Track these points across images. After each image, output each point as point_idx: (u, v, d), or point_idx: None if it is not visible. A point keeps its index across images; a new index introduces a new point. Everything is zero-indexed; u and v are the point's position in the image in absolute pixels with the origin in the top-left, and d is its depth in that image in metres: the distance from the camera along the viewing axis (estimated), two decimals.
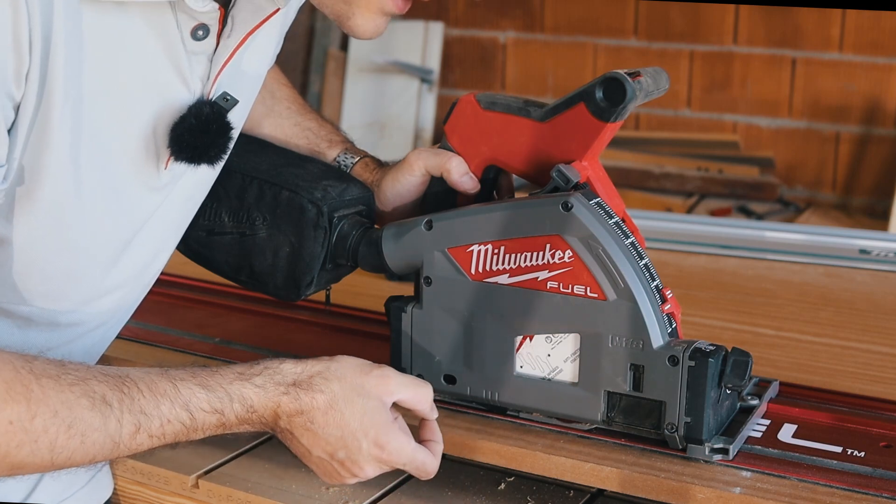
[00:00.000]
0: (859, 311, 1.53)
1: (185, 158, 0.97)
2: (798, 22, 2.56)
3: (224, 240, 1.14)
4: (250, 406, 0.94)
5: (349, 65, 3.01)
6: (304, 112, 1.26)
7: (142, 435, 0.89)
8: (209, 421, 0.93)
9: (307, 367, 0.98)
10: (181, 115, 0.96)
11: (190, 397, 0.92)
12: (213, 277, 1.22)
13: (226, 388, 0.94)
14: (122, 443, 0.89)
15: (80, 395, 0.87)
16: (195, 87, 0.97)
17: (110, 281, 1.02)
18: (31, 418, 0.84)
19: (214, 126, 0.97)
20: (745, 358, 1.00)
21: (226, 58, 0.97)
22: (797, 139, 2.62)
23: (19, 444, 0.84)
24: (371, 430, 0.97)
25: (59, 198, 0.91)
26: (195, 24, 0.94)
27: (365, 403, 0.97)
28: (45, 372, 0.87)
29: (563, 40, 2.82)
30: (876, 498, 0.95)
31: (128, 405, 0.89)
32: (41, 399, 0.85)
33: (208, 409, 0.92)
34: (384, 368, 1.00)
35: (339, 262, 1.13)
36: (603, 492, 1.04)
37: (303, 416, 0.95)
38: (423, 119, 2.93)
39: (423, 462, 0.99)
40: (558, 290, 1.02)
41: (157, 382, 0.91)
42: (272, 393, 0.95)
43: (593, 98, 1.02)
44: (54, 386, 0.86)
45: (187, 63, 0.95)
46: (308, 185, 1.12)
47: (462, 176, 1.12)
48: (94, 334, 1.07)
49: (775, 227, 2.04)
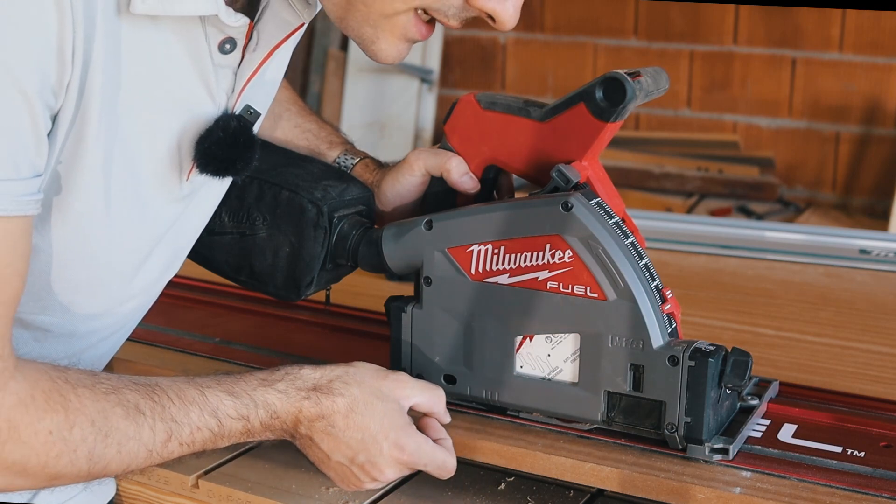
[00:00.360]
0: (859, 311, 1.53)
1: (211, 171, 0.98)
2: (798, 22, 2.56)
3: (224, 240, 1.14)
4: (274, 412, 0.95)
5: (349, 65, 3.01)
6: (304, 114, 1.27)
7: (173, 443, 0.90)
8: (235, 428, 0.94)
9: (326, 371, 0.99)
10: (208, 129, 0.96)
11: (217, 404, 0.93)
12: (213, 277, 1.22)
13: (251, 395, 0.95)
14: (155, 451, 0.89)
15: (115, 405, 0.87)
16: (220, 101, 0.97)
17: (129, 291, 1.02)
18: (69, 428, 0.85)
19: (242, 139, 0.98)
20: (745, 358, 1.00)
21: (251, 71, 0.97)
22: (797, 139, 2.62)
23: (58, 455, 0.85)
24: (391, 432, 0.98)
25: (88, 209, 0.91)
26: (223, 38, 0.94)
27: (384, 406, 0.99)
28: (81, 382, 0.87)
29: (563, 40, 2.82)
30: (876, 498, 0.95)
31: (159, 413, 0.90)
32: (79, 409, 0.85)
33: (235, 415, 0.93)
34: (399, 373, 1.03)
35: (339, 262, 1.13)
36: (603, 492, 1.04)
37: (323, 421, 0.96)
38: (423, 119, 2.93)
39: (444, 460, 1.01)
40: (558, 290, 1.02)
41: (186, 390, 0.92)
42: (294, 398, 0.96)
43: (593, 98, 1.02)
44: (90, 395, 0.87)
45: (214, 76, 0.95)
46: (308, 185, 1.12)
47: (462, 176, 1.12)
48: (107, 342, 1.07)
49: (775, 227, 2.04)
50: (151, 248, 1.01)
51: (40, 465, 0.84)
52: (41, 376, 0.85)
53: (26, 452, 0.83)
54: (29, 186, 0.83)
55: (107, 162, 0.90)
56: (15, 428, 0.83)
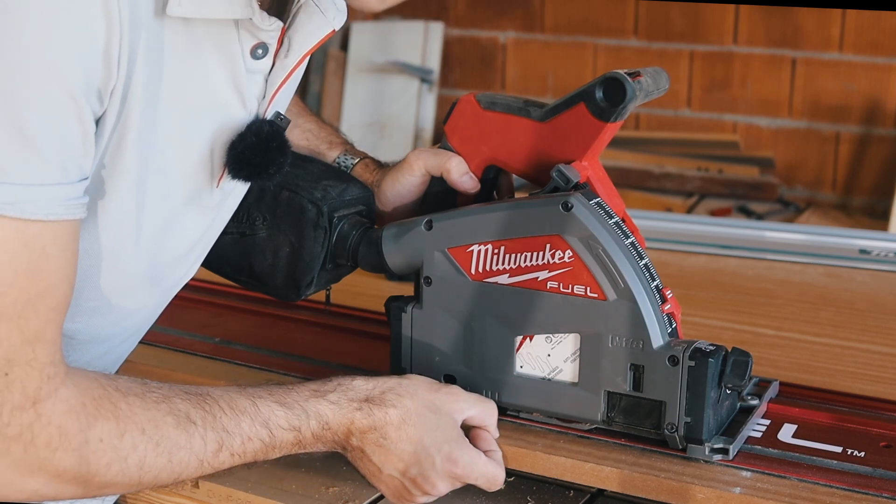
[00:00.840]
0: (859, 311, 1.53)
1: (242, 176, 0.97)
2: (798, 22, 2.56)
3: (224, 240, 1.14)
4: (326, 423, 0.95)
5: (349, 65, 3.01)
6: (304, 114, 1.27)
7: (224, 453, 0.90)
8: (287, 438, 0.93)
9: (379, 383, 0.98)
10: (240, 134, 0.96)
11: (269, 415, 0.92)
12: (213, 277, 1.22)
13: (302, 405, 0.94)
14: (206, 461, 0.89)
15: (166, 413, 0.87)
16: (251, 107, 0.97)
17: (151, 296, 1.02)
18: (120, 436, 0.84)
19: (274, 144, 0.97)
20: (745, 358, 1.00)
21: (283, 78, 0.97)
22: (797, 139, 2.61)
23: (109, 463, 0.84)
24: (444, 445, 0.97)
25: (122, 215, 0.91)
26: (256, 43, 0.94)
27: (437, 419, 0.98)
28: (131, 390, 0.87)
29: (563, 40, 2.82)
30: (876, 498, 0.95)
31: (210, 423, 0.89)
32: (129, 416, 0.85)
33: (286, 426, 0.93)
34: (452, 387, 1.03)
35: (339, 262, 1.13)
36: (603, 492, 1.04)
37: (375, 433, 0.96)
38: (423, 119, 2.93)
39: (494, 475, 1.00)
40: (558, 290, 1.02)
41: (237, 400, 0.92)
42: (346, 409, 0.95)
43: (593, 98, 1.02)
44: (141, 404, 0.86)
45: (246, 82, 0.95)
46: (308, 185, 1.12)
47: (462, 176, 1.12)
48: (124, 345, 1.07)
49: (775, 227, 2.04)
50: (179, 255, 1.01)
51: (91, 474, 0.84)
52: (91, 384, 0.85)
53: (77, 460, 0.83)
54: (76, 190, 0.83)
55: (143, 168, 0.90)
56: (65, 435, 0.82)
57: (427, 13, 2.96)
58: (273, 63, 0.97)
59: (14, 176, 0.78)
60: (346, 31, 3.05)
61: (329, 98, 3.01)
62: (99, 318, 0.98)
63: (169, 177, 0.94)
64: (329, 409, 0.95)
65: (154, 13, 0.86)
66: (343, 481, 1.10)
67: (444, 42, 2.95)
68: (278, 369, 1.24)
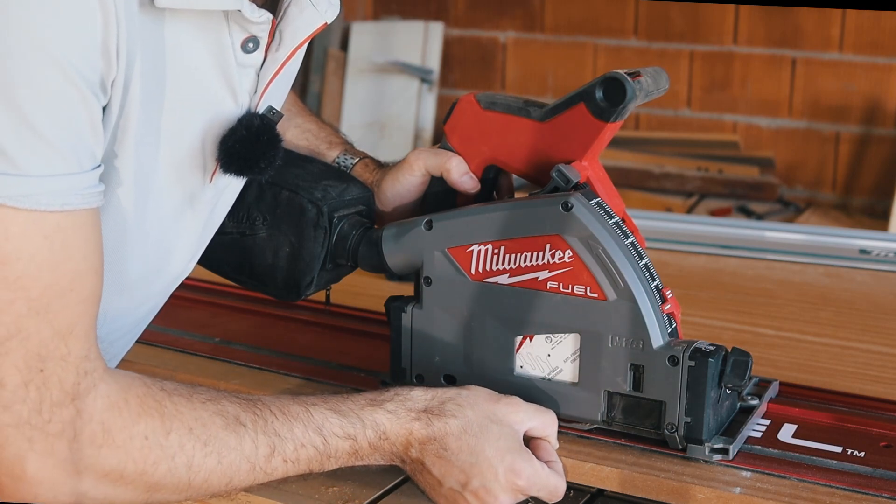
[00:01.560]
0: (859, 311, 1.53)
1: (233, 170, 0.97)
2: (798, 22, 2.56)
3: (224, 240, 1.14)
4: (383, 433, 0.93)
5: (349, 65, 3.01)
6: (304, 114, 1.27)
7: (276, 458, 0.88)
8: (342, 447, 0.91)
9: (437, 393, 0.97)
10: (231, 128, 0.96)
11: (323, 422, 0.91)
12: (213, 277, 1.22)
13: (358, 414, 0.92)
14: (258, 465, 0.87)
15: (213, 413, 0.86)
16: (243, 101, 0.97)
17: (147, 293, 1.02)
18: (165, 434, 0.83)
19: (265, 137, 0.97)
20: (745, 358, 1.00)
21: (274, 71, 0.97)
22: (797, 139, 2.62)
23: (156, 462, 0.83)
24: (507, 455, 0.94)
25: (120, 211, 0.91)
26: (246, 37, 0.93)
27: (499, 430, 0.95)
28: (177, 390, 0.86)
29: (563, 40, 2.82)
30: (876, 498, 0.95)
31: (261, 426, 0.88)
32: (175, 415, 0.84)
33: (341, 434, 0.91)
34: (512, 397, 0.99)
35: (339, 262, 1.13)
36: (603, 492, 1.04)
37: (435, 443, 0.93)
38: (423, 119, 2.93)
39: (556, 486, 0.97)
40: (558, 290, 1.02)
41: (289, 406, 0.90)
42: (404, 419, 0.94)
43: (593, 98, 1.02)
44: (187, 403, 0.85)
45: (237, 76, 0.95)
46: (308, 185, 1.12)
47: (462, 176, 1.12)
48: (120, 343, 1.07)
49: (775, 227, 2.04)
50: (176, 253, 1.01)
51: (138, 473, 0.83)
52: (134, 381, 0.84)
53: (122, 458, 0.82)
54: (91, 178, 0.83)
55: (139, 164, 0.90)
56: (109, 431, 0.82)
57: (427, 13, 2.96)
58: (265, 57, 0.97)
59: (27, 168, 0.78)
60: (346, 31, 3.05)
61: (329, 98, 3.01)
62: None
63: (161, 173, 0.94)
64: (386, 419, 0.93)
65: (144, 5, 0.86)
66: (343, 481, 1.10)
67: (444, 42, 2.95)
68: (278, 369, 1.24)
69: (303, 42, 0.97)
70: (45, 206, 0.79)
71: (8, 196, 0.78)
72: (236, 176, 0.98)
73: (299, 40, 0.97)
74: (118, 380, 0.84)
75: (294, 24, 0.97)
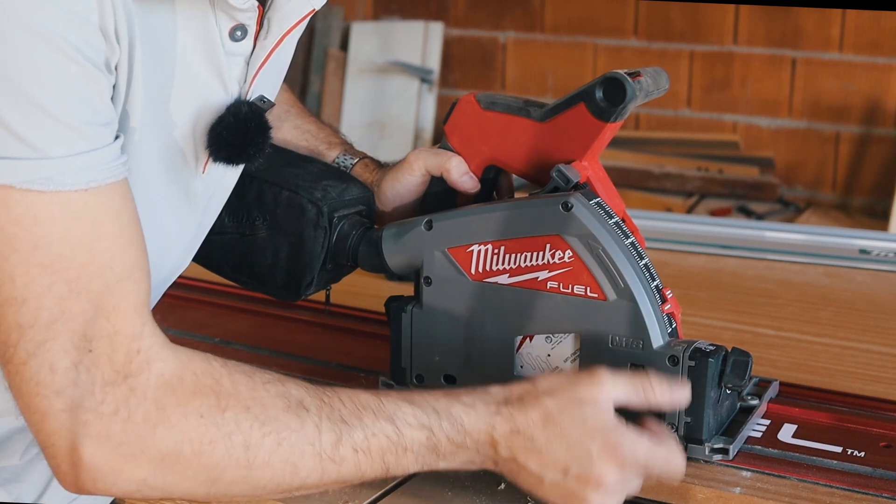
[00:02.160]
0: (859, 311, 1.53)
1: (223, 158, 0.97)
2: (798, 22, 2.56)
3: (224, 240, 1.14)
4: (461, 426, 0.89)
5: (349, 65, 3.01)
6: (303, 115, 1.27)
7: (345, 447, 0.85)
8: (417, 438, 0.87)
9: (514, 387, 0.92)
10: (219, 115, 0.96)
11: (395, 410, 0.87)
12: (213, 277, 1.22)
13: (432, 405, 0.89)
14: (323, 452, 0.84)
15: (275, 395, 0.84)
16: (232, 89, 0.97)
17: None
18: (221, 411, 0.81)
19: (253, 124, 0.97)
20: (745, 358, 1.00)
21: (263, 59, 0.97)
22: (797, 139, 2.62)
23: (213, 441, 0.81)
24: (597, 433, 0.89)
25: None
26: (234, 25, 0.94)
27: (583, 411, 0.90)
28: (239, 368, 0.85)
29: (563, 40, 2.82)
30: (876, 498, 0.95)
31: (327, 413, 0.85)
32: (232, 393, 0.82)
33: (415, 423, 0.87)
34: (594, 372, 0.92)
35: (339, 262, 1.13)
36: None
37: (521, 436, 0.89)
38: (423, 119, 2.93)
39: (667, 456, 0.90)
40: (558, 290, 1.02)
41: (360, 395, 0.88)
42: (483, 413, 0.89)
43: (593, 98, 1.02)
44: (247, 382, 0.84)
45: (226, 65, 0.95)
46: (308, 185, 1.12)
47: (462, 176, 1.12)
48: None
49: (775, 227, 2.04)
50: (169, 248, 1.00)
51: (195, 454, 0.80)
52: (193, 358, 0.83)
53: (178, 437, 0.80)
54: (112, 152, 0.82)
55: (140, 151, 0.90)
56: (163, 409, 0.80)
57: (427, 13, 2.97)
58: (254, 45, 0.97)
59: (47, 150, 0.78)
60: (346, 31, 3.05)
61: (329, 98, 3.01)
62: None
63: (155, 162, 0.94)
64: (463, 411, 0.89)
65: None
66: None
67: (444, 42, 2.95)
68: (278, 369, 1.23)
69: (291, 29, 0.97)
70: (69, 186, 0.79)
71: (31, 180, 0.78)
72: (226, 164, 0.98)
73: (287, 27, 0.97)
74: (177, 356, 0.82)
75: (281, 12, 0.97)
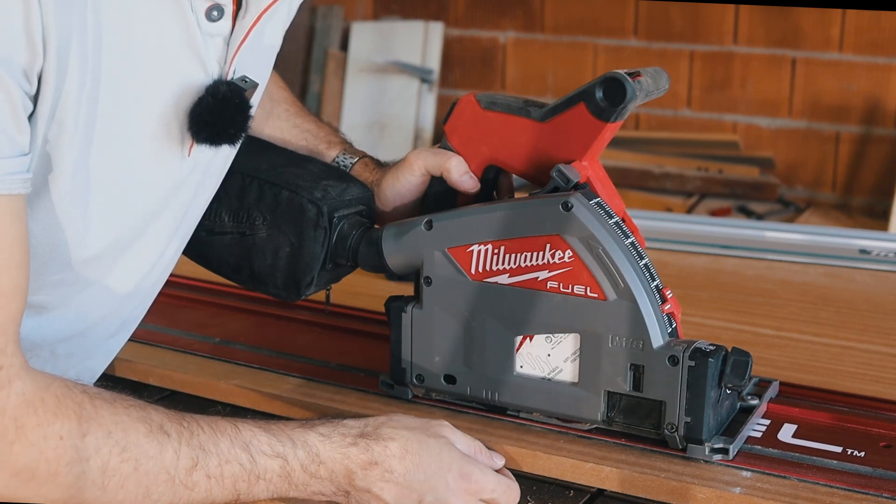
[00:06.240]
0: (859, 311, 1.53)
1: (205, 139, 0.96)
2: (798, 22, 2.56)
3: (224, 240, 1.14)
4: (316, 454, 0.90)
5: (349, 65, 3.01)
6: (303, 114, 1.27)
7: (199, 472, 0.85)
8: (271, 467, 0.89)
9: (370, 420, 0.96)
10: (199, 97, 0.95)
11: (250, 438, 0.89)
12: (213, 277, 1.22)
13: (288, 434, 0.91)
14: (178, 478, 0.85)
15: (136, 420, 0.84)
16: (213, 70, 0.96)
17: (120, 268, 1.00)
18: (82, 436, 0.81)
19: (232, 103, 0.96)
20: (745, 358, 1.00)
21: (241, 38, 0.96)
22: (797, 139, 2.61)
23: (70, 463, 0.81)
24: (452, 464, 0.95)
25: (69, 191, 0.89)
26: (209, 5, 0.93)
27: (438, 443, 0.96)
28: (100, 395, 0.84)
29: (563, 40, 2.82)
30: (876, 498, 0.95)
31: (186, 438, 0.85)
32: (93, 417, 0.82)
33: (270, 452, 0.89)
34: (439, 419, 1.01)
35: (339, 262, 1.13)
36: (603, 492, 1.04)
37: (378, 468, 0.92)
38: (423, 119, 2.93)
39: (509, 485, 0.98)
40: (558, 289, 1.02)
41: (218, 422, 0.89)
42: (339, 444, 0.92)
43: (593, 98, 1.02)
44: (108, 407, 0.83)
45: (204, 45, 0.95)
46: (308, 185, 1.12)
47: (462, 175, 1.12)
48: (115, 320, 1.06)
49: (775, 227, 2.04)
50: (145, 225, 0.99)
51: (50, 474, 0.80)
52: (54, 382, 0.83)
53: (35, 456, 0.80)
54: (11, 165, 0.81)
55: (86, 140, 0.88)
56: (21, 428, 0.80)
57: (427, 13, 2.96)
58: (234, 25, 0.96)
59: None
60: (346, 30, 3.05)
61: (329, 98, 3.01)
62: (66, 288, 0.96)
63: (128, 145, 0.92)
64: (318, 440, 0.91)
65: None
66: None
67: (444, 42, 2.95)
68: (278, 369, 1.24)
69: (268, 7, 0.96)
70: None
71: None
72: (209, 145, 0.97)
73: (264, 6, 0.96)
74: (36, 379, 0.82)
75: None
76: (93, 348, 1.07)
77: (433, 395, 1.13)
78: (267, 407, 1.17)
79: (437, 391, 1.12)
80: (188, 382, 1.23)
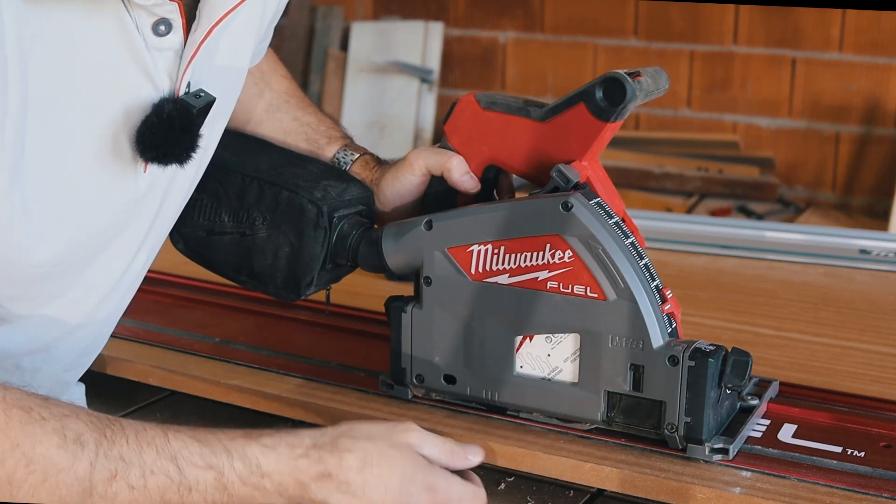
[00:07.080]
0: (859, 311, 1.53)
1: (151, 159, 0.93)
2: (798, 22, 2.56)
3: (224, 240, 1.14)
4: (257, 466, 0.86)
5: (349, 65, 3.01)
6: (304, 106, 1.25)
7: (119, 483, 0.83)
8: (204, 479, 0.85)
9: (328, 430, 0.91)
10: (146, 115, 0.92)
11: (180, 449, 0.85)
12: (213, 277, 1.22)
13: (225, 444, 0.87)
14: (94, 489, 0.82)
15: (50, 432, 0.82)
16: (163, 85, 0.93)
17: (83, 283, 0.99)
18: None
19: (178, 123, 0.92)
20: (745, 358, 1.00)
21: (192, 52, 0.93)
22: (797, 139, 2.61)
23: None
24: (416, 475, 0.90)
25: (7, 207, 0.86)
26: (155, 20, 0.90)
27: (401, 454, 0.91)
28: (18, 403, 0.82)
29: (563, 40, 2.82)
30: (876, 498, 0.95)
31: (105, 449, 0.83)
32: (2, 429, 0.80)
33: (201, 463, 0.85)
34: (406, 422, 0.95)
35: (339, 262, 1.13)
36: (603, 492, 1.04)
37: (334, 480, 0.88)
38: (423, 119, 2.93)
39: (475, 492, 0.94)
40: (558, 290, 1.02)
41: (147, 431, 0.85)
42: (286, 455, 0.87)
43: (593, 98, 1.02)
44: (23, 418, 0.81)
45: (151, 60, 0.91)
46: (308, 185, 1.12)
47: (462, 175, 1.11)
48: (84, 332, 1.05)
49: (775, 227, 2.04)
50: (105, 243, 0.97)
51: None
52: None
53: None
54: None
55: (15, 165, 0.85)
56: None
57: (427, 13, 2.97)
58: (186, 38, 0.93)
59: None
60: (346, 31, 3.05)
61: (329, 98, 3.01)
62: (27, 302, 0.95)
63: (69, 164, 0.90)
64: (260, 452, 0.87)
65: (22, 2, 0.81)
66: None
67: (444, 42, 2.95)
68: (278, 369, 1.24)
69: (219, 20, 0.93)
70: None
71: None
72: (158, 165, 0.94)
73: (215, 19, 0.93)
74: None
75: (210, 3, 0.93)
76: (62, 361, 1.05)
77: (433, 395, 1.13)
78: (267, 407, 1.17)
79: (437, 391, 1.12)
80: (188, 382, 1.23)
